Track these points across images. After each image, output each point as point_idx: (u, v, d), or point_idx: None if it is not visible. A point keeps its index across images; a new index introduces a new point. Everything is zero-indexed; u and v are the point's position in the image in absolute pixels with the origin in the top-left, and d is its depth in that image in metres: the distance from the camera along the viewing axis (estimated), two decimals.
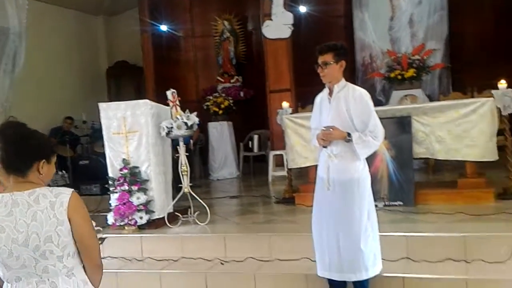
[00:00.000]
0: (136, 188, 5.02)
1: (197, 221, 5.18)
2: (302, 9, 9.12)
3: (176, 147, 5.33)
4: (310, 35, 8.71)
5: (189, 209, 5.33)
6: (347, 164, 3.41)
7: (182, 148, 5.20)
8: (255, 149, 9.35)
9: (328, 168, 3.45)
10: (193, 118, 5.10)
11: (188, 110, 5.22)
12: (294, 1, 8.92)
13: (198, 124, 5.23)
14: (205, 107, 9.38)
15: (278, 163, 8.10)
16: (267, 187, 7.57)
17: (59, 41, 10.46)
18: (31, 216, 1.89)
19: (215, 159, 9.25)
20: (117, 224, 5.05)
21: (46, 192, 1.92)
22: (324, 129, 3.41)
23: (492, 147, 4.96)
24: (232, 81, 10.25)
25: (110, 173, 5.22)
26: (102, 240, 2.18)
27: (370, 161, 3.71)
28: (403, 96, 8.02)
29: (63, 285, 1.93)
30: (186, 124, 5.03)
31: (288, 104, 6.17)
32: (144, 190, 5.05)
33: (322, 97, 3.60)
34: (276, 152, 8.06)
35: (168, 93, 5.20)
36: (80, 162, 8.16)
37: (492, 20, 8.77)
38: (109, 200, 5.24)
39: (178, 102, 5.18)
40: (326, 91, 3.56)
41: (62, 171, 7.91)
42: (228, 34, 10.53)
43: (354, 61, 9.39)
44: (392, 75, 8.29)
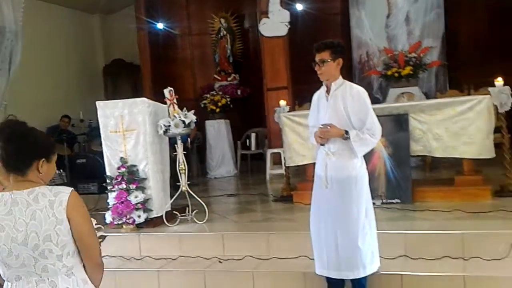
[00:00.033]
0: (134, 187, 5.01)
1: (195, 220, 5.17)
2: (299, 7, 9.11)
3: (174, 146, 5.33)
4: (307, 33, 8.71)
5: (187, 208, 5.32)
6: (345, 162, 3.41)
7: (180, 147, 5.19)
8: (253, 147, 9.35)
9: (326, 166, 3.45)
10: (191, 116, 5.09)
11: (186, 108, 5.21)
12: None
13: (196, 122, 5.22)
14: (202, 105, 9.38)
15: (276, 161, 8.11)
16: (265, 185, 7.58)
17: (56, 40, 10.43)
18: (30, 215, 1.88)
19: (213, 158, 9.25)
20: (115, 223, 5.05)
21: (46, 191, 1.92)
22: (322, 127, 3.41)
23: (489, 145, 4.97)
24: (229, 79, 10.24)
25: (108, 172, 5.22)
26: (103, 238, 2.17)
27: (368, 159, 3.71)
28: (400, 94, 8.02)
29: (63, 284, 1.92)
30: (184, 122, 5.02)
31: (286, 102, 6.18)
32: (142, 189, 5.04)
33: (320, 95, 3.60)
34: (274, 150, 8.06)
35: (166, 91, 5.19)
36: (78, 161, 8.16)
37: (488, 18, 8.80)
38: (107, 199, 5.24)
39: (176, 100, 5.18)
40: (324, 89, 3.55)
41: (60, 170, 7.89)
42: (225, 32, 10.51)
43: (351, 59, 9.40)
44: (389, 73, 8.29)
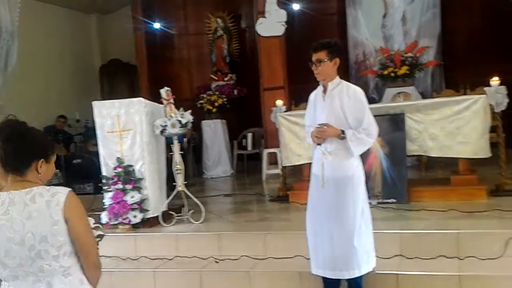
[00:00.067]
0: (130, 187, 5.00)
1: (192, 220, 5.17)
2: (296, 7, 9.12)
3: (170, 146, 5.32)
4: (304, 33, 8.73)
5: (183, 208, 5.32)
6: (341, 162, 3.41)
7: (177, 147, 5.18)
8: (249, 147, 9.35)
9: (323, 166, 3.45)
10: (187, 116, 5.09)
11: (183, 108, 5.21)
12: None
13: (192, 122, 5.22)
14: (199, 105, 9.37)
15: (272, 161, 8.11)
16: (261, 185, 7.57)
17: (52, 40, 10.40)
18: (27, 215, 1.88)
19: (209, 158, 9.25)
20: (111, 223, 5.04)
21: (43, 191, 1.91)
22: (318, 127, 3.41)
23: (485, 144, 4.98)
24: (226, 79, 10.24)
25: (104, 172, 5.20)
26: (101, 237, 2.16)
27: (364, 159, 3.71)
28: (396, 94, 8.04)
29: (59, 285, 1.92)
30: (180, 122, 5.02)
31: (282, 102, 6.18)
32: (138, 189, 5.04)
33: (316, 95, 3.60)
34: (270, 150, 8.06)
35: (162, 91, 5.18)
36: (74, 161, 8.15)
37: (484, 18, 8.82)
38: (103, 199, 5.23)
39: (172, 100, 5.17)
40: (320, 89, 3.55)
41: (56, 170, 7.89)
42: (222, 32, 10.51)
43: (347, 59, 9.41)
44: (385, 73, 8.31)
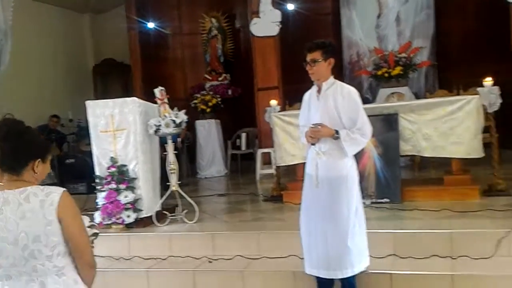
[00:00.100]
0: (124, 187, 4.99)
1: (185, 220, 5.16)
2: (290, 7, 9.13)
3: (164, 145, 5.31)
4: (298, 33, 8.73)
5: (177, 208, 5.31)
6: (336, 161, 3.41)
7: (171, 146, 5.17)
8: (243, 147, 9.36)
9: (317, 165, 3.45)
10: (182, 116, 5.08)
11: (177, 108, 5.20)
12: None
13: (186, 122, 5.21)
14: (193, 105, 9.36)
15: (266, 161, 8.11)
16: (255, 185, 7.57)
17: (46, 39, 10.36)
18: (21, 215, 1.87)
19: (203, 157, 9.24)
20: (104, 223, 5.02)
21: (37, 191, 1.90)
22: (313, 127, 3.42)
23: (478, 144, 5.01)
24: (220, 79, 10.22)
25: (98, 172, 5.18)
26: (96, 235, 2.14)
27: (358, 159, 3.72)
28: (390, 94, 8.06)
29: (53, 285, 1.91)
30: (175, 122, 5.01)
31: (276, 102, 6.18)
32: (132, 189, 5.02)
33: (311, 95, 3.60)
34: (264, 150, 8.07)
35: (156, 91, 5.17)
36: (66, 161, 8.12)
37: (477, 19, 8.86)
38: (96, 199, 5.21)
39: (167, 100, 5.16)
40: (315, 89, 3.56)
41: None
42: (216, 32, 10.50)
43: (342, 59, 9.43)
44: (379, 73, 8.33)
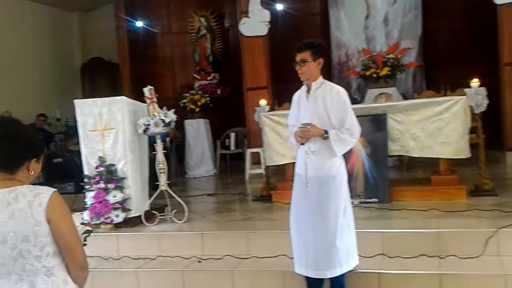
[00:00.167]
0: (113, 186, 4.96)
1: (175, 219, 5.15)
2: (279, 7, 9.14)
3: (153, 145, 5.29)
4: (287, 33, 8.74)
5: (166, 207, 5.30)
6: (325, 161, 3.43)
7: (160, 146, 5.15)
8: (232, 147, 9.35)
9: (306, 165, 3.47)
10: (171, 116, 5.06)
11: (166, 107, 5.18)
12: None
13: (176, 122, 5.20)
14: (182, 105, 9.34)
15: (255, 161, 8.12)
16: (244, 185, 7.58)
17: (33, 37, 10.27)
18: (10, 214, 1.85)
19: (192, 157, 9.23)
20: (93, 223, 4.98)
21: (26, 191, 1.88)
22: (302, 126, 3.43)
23: (465, 145, 5.06)
24: (209, 79, 10.19)
25: (86, 171, 5.15)
26: (89, 233, 2.13)
27: (346, 159, 3.73)
28: (378, 94, 8.12)
29: (42, 285, 1.89)
30: (164, 121, 4.99)
31: (266, 102, 6.19)
32: (121, 188, 4.99)
33: (300, 95, 3.62)
34: (253, 150, 8.07)
35: (146, 90, 5.15)
36: (54, 160, 8.05)
37: (465, 20, 8.93)
38: (84, 199, 5.17)
39: (156, 99, 5.14)
40: (304, 89, 3.57)
41: None
42: (205, 31, 10.46)
43: (330, 60, 9.45)
44: (367, 74, 8.38)
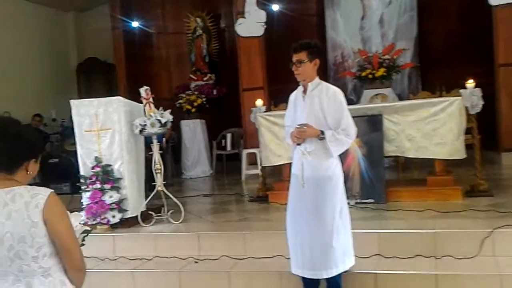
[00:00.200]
0: (109, 187, 4.95)
1: (171, 220, 5.14)
2: (275, 7, 9.16)
3: (149, 145, 5.28)
4: (283, 34, 8.76)
5: (163, 208, 5.29)
6: (321, 162, 3.44)
7: (156, 146, 5.15)
8: (228, 148, 9.36)
9: (302, 166, 3.47)
10: (167, 116, 5.06)
11: (162, 108, 5.18)
12: None
13: (172, 122, 5.20)
14: (178, 105, 9.33)
15: (251, 162, 8.13)
16: (241, 186, 7.58)
17: (28, 37, 10.24)
18: (7, 215, 1.85)
19: (188, 158, 9.22)
20: (89, 223, 4.97)
21: (24, 192, 1.88)
22: (298, 127, 3.44)
23: (460, 146, 5.08)
24: (205, 79, 10.20)
25: (82, 172, 5.13)
26: (88, 232, 2.13)
27: (342, 159, 3.75)
28: (374, 95, 8.14)
29: (39, 286, 1.88)
30: (160, 122, 4.99)
31: (262, 102, 6.19)
32: (117, 189, 4.99)
33: (297, 95, 3.63)
34: (249, 151, 8.08)
35: (142, 90, 5.14)
36: (50, 161, 8.02)
37: (461, 21, 8.97)
38: (80, 199, 5.16)
39: (152, 100, 5.13)
40: (301, 89, 3.58)
41: None
42: (201, 32, 10.46)
43: (326, 60, 9.47)
44: (363, 74, 8.40)
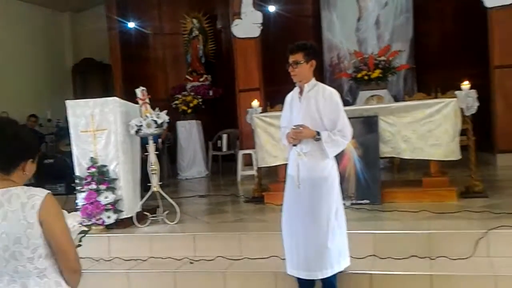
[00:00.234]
0: (104, 187, 4.94)
1: (166, 221, 5.14)
2: (271, 9, 9.16)
3: (145, 146, 5.28)
4: (279, 35, 8.76)
5: (158, 209, 5.29)
6: (317, 163, 3.45)
7: (152, 147, 5.14)
8: (224, 148, 9.36)
9: (298, 166, 3.48)
10: (163, 117, 5.06)
11: (158, 109, 5.18)
12: (263, 0, 8.96)
13: (168, 123, 5.19)
14: (174, 106, 9.32)
15: (247, 163, 8.13)
16: (236, 186, 7.58)
17: (24, 37, 10.22)
18: (3, 216, 1.84)
19: (184, 158, 9.22)
20: (84, 224, 4.95)
21: (20, 193, 1.87)
22: (294, 128, 3.44)
23: (455, 147, 5.09)
24: (201, 80, 10.18)
25: (77, 172, 5.12)
26: (85, 233, 2.12)
27: (338, 160, 3.76)
28: (370, 97, 8.15)
29: (34, 287, 1.88)
30: (156, 123, 4.99)
31: (258, 103, 6.19)
32: (112, 189, 4.98)
33: (293, 96, 3.64)
34: (245, 151, 8.08)
35: (138, 91, 5.13)
36: (45, 161, 7.98)
37: (456, 23, 9.00)
38: (75, 200, 5.15)
39: (148, 100, 5.13)
40: (297, 90, 3.59)
41: None
42: (197, 32, 10.45)
43: (322, 61, 9.48)
44: (359, 76, 8.42)
